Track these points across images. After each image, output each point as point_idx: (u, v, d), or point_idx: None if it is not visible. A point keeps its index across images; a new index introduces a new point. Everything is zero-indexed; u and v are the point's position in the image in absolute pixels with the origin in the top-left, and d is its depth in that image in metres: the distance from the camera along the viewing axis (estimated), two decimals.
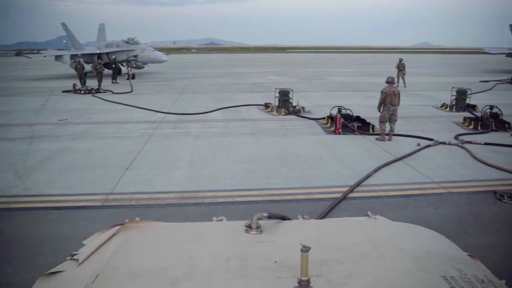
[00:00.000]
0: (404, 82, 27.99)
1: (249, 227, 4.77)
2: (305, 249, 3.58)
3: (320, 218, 6.70)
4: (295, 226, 5.25)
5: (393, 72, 26.61)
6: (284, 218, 5.30)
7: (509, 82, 30.69)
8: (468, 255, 5.28)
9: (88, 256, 4.96)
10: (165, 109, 18.34)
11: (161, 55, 37.76)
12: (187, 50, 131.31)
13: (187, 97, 23.10)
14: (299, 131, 14.04)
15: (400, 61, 28.67)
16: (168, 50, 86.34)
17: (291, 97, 17.96)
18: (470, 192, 8.47)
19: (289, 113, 17.26)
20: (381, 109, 12.65)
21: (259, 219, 4.79)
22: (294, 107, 17.83)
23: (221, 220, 5.97)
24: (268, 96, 21.11)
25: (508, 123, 14.57)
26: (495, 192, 8.34)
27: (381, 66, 54.63)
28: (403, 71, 28.31)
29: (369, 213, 7.13)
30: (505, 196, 8.08)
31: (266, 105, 18.72)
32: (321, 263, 4.18)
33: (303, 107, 18.06)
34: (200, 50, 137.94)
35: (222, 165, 10.06)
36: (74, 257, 4.99)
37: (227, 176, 9.29)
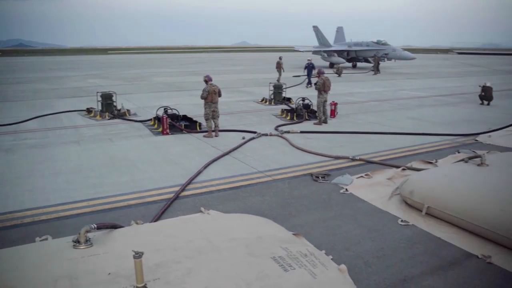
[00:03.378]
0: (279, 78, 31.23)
1: (77, 242, 4.48)
2: (138, 255, 3.52)
3: (154, 221, 6.62)
4: (128, 233, 5.12)
5: (213, 71, 27.77)
6: (115, 226, 5.12)
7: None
8: (293, 234, 5.82)
9: None
10: None
11: None
12: None
13: None
14: (126, 134, 13.60)
15: (280, 59, 32.66)
16: None
17: (114, 100, 17.28)
18: (291, 177, 9.31)
19: (114, 117, 16.58)
20: (204, 107, 13.05)
21: (88, 231, 4.53)
22: (119, 110, 17.19)
23: (46, 239, 5.47)
24: (90, 101, 19.94)
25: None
26: (311, 175, 9.35)
27: (204, 65, 56.20)
28: (282, 68, 32.51)
29: (202, 209, 7.35)
30: (320, 177, 9.13)
31: (89, 110, 17.63)
32: (157, 266, 4.16)
33: (128, 110, 17.52)
34: (7, 53, 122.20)
35: (43, 179, 9.16)
36: None
37: (48, 190, 8.48)
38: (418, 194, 7.45)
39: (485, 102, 20.80)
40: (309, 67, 28.63)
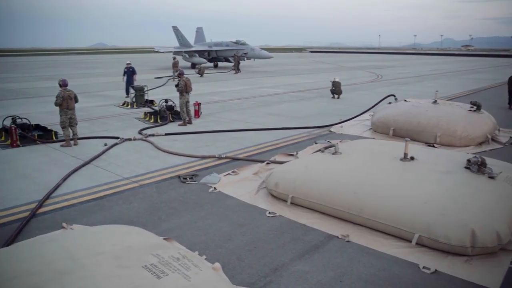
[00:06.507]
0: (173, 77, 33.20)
1: None
2: None
3: (7, 245, 5.92)
4: None
5: (68, 75, 25.77)
6: None
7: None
8: (164, 239, 5.70)
9: None
10: None
11: None
12: None
13: None
14: None
15: (174, 59, 34.25)
16: None
17: None
18: (158, 181, 9.10)
19: None
20: (60, 114, 12.08)
21: None
22: None
23: None
24: None
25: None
26: (179, 176, 9.26)
27: (57, 69, 52.06)
28: (177, 68, 32.18)
29: (64, 224, 6.82)
30: (188, 178, 9.09)
31: None
32: None
33: None
34: None
35: None
36: None
37: None
38: (283, 186, 7.86)
39: (336, 96, 22.77)
40: (129, 72, 23.89)
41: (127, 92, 23.03)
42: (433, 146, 11.64)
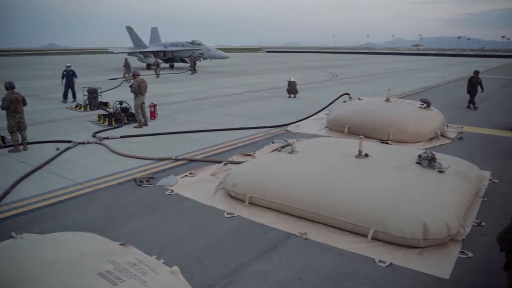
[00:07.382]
0: (126, 78, 32.13)
1: None
2: None
3: None
4: None
5: (16, 77, 24.73)
6: None
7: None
8: (120, 244, 5.57)
9: None
10: None
11: None
12: None
13: None
14: None
15: (126, 60, 33.32)
16: None
17: None
18: (114, 185, 8.89)
19: None
20: (7, 118, 11.59)
21: None
22: None
23: None
24: None
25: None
26: (135, 180, 9.08)
27: (2, 70, 49.85)
28: (130, 69, 31.42)
29: (14, 234, 6.51)
30: (144, 181, 8.93)
31: None
32: None
33: None
34: None
35: None
36: None
37: None
38: (240, 186, 7.86)
39: (292, 95, 23.02)
40: (69, 76, 21.89)
41: (65, 96, 21.94)
42: (387, 143, 11.97)
